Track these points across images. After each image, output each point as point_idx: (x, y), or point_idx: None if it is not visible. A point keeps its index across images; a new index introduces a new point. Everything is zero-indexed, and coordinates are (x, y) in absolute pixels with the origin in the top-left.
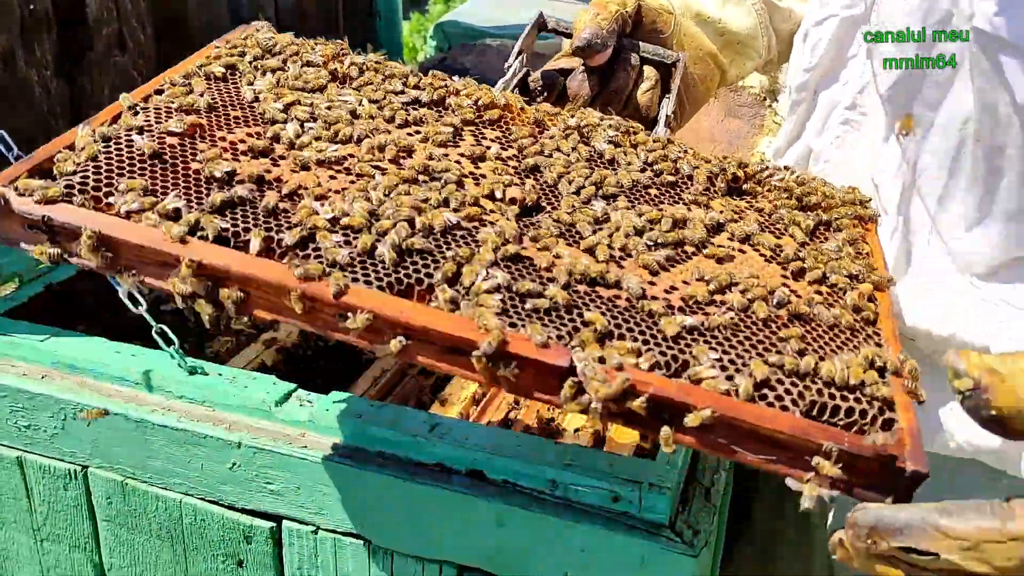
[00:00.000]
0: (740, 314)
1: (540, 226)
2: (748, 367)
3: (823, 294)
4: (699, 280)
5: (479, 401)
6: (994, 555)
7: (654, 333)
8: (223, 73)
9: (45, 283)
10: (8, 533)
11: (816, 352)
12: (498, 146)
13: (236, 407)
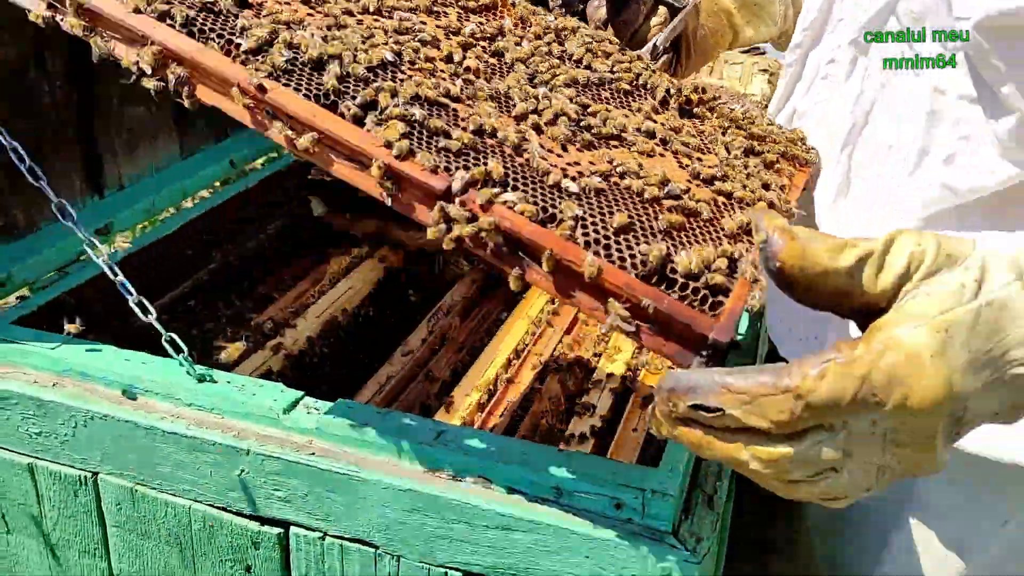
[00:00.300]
0: (629, 193)
1: (477, 88)
2: (608, 223)
3: (720, 203)
4: (607, 161)
5: (484, 407)
6: (769, 408)
7: (536, 185)
8: None
9: (55, 291)
10: (18, 539)
11: (681, 242)
12: (475, 27)
13: (244, 414)
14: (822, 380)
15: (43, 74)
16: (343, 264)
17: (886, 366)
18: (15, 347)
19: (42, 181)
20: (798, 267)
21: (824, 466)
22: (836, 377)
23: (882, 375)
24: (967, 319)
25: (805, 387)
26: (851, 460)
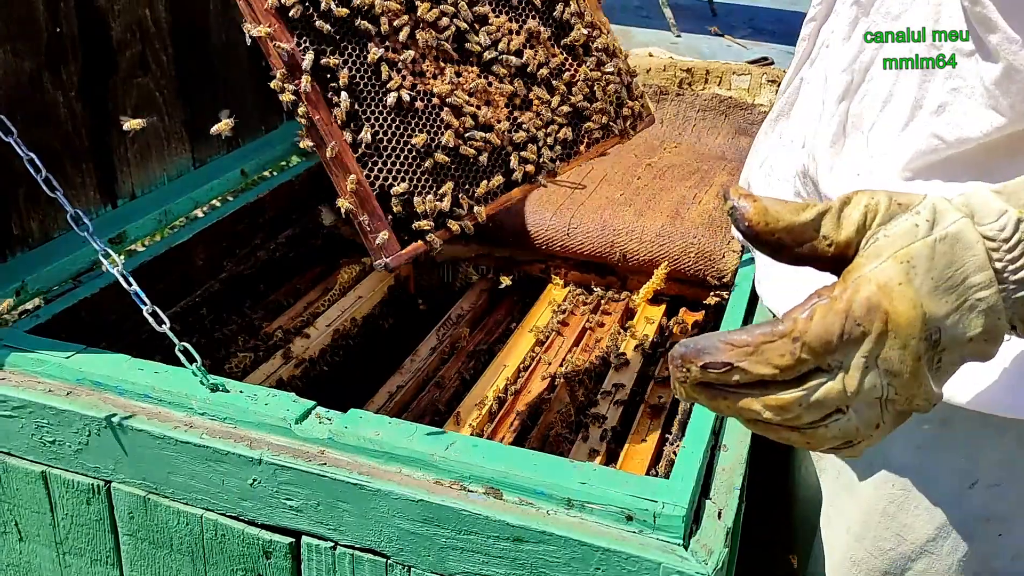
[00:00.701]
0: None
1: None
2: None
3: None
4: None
5: (493, 416)
6: (772, 355)
7: (371, 84)
8: None
9: (70, 301)
10: (31, 546)
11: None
12: None
13: (257, 424)
14: (811, 320)
15: (58, 86)
16: (353, 273)
17: (862, 298)
18: (30, 356)
19: (58, 192)
20: (763, 222)
21: (831, 406)
22: (823, 314)
23: (860, 306)
24: (924, 251)
25: (799, 328)
26: (855, 397)
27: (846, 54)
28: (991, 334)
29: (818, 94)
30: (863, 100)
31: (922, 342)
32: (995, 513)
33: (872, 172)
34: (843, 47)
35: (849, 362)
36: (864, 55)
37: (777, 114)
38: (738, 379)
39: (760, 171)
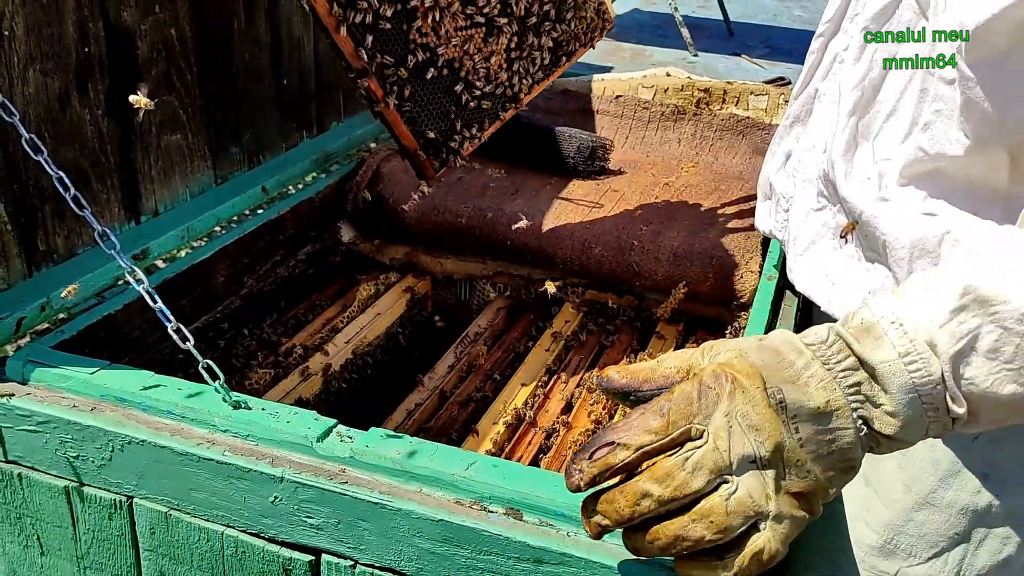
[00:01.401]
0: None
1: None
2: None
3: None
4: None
5: (512, 435)
6: (646, 424)
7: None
8: None
9: (94, 317)
10: (52, 560)
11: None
12: None
13: (279, 442)
14: (673, 392)
15: (86, 104)
16: (371, 290)
17: (709, 371)
18: (55, 372)
19: (86, 211)
20: (626, 377)
21: (711, 467)
22: (681, 387)
23: (709, 377)
24: (753, 344)
25: (664, 398)
26: (729, 455)
27: (856, 73)
28: (840, 410)
29: (834, 107)
30: (872, 114)
31: (766, 393)
32: (993, 469)
33: (877, 176)
34: (854, 67)
35: (714, 424)
36: (873, 73)
37: (792, 120)
38: (623, 458)
39: (783, 172)
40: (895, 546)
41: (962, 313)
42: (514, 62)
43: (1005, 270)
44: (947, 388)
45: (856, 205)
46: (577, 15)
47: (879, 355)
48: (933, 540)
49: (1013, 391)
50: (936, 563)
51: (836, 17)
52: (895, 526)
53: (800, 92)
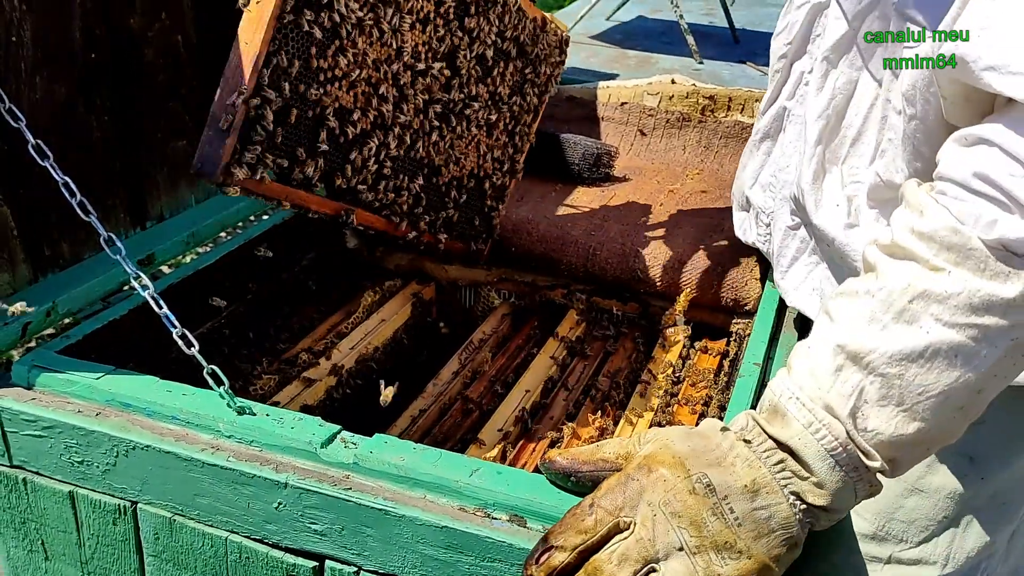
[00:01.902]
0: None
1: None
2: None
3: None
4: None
5: (516, 442)
6: (577, 524)
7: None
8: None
9: (99, 322)
10: (57, 565)
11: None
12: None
13: (283, 448)
14: (602, 488)
15: (92, 110)
16: (376, 296)
17: (634, 464)
18: (60, 377)
19: (92, 216)
20: (568, 460)
21: (637, 558)
22: (608, 482)
23: (634, 468)
24: (680, 433)
25: (593, 495)
26: (655, 544)
27: (820, 102)
28: (768, 486)
29: (801, 133)
30: (839, 139)
31: (689, 481)
32: (977, 452)
33: (846, 201)
34: (817, 96)
35: (640, 515)
36: (836, 100)
37: (762, 136)
38: (562, 560)
39: (758, 187)
40: (886, 532)
41: (842, 372)
42: (515, 134)
43: (855, 320)
44: (857, 446)
45: (827, 232)
46: (545, 57)
47: (788, 432)
48: (923, 525)
49: (918, 428)
50: (927, 547)
51: (799, 39)
52: (885, 513)
53: (767, 108)
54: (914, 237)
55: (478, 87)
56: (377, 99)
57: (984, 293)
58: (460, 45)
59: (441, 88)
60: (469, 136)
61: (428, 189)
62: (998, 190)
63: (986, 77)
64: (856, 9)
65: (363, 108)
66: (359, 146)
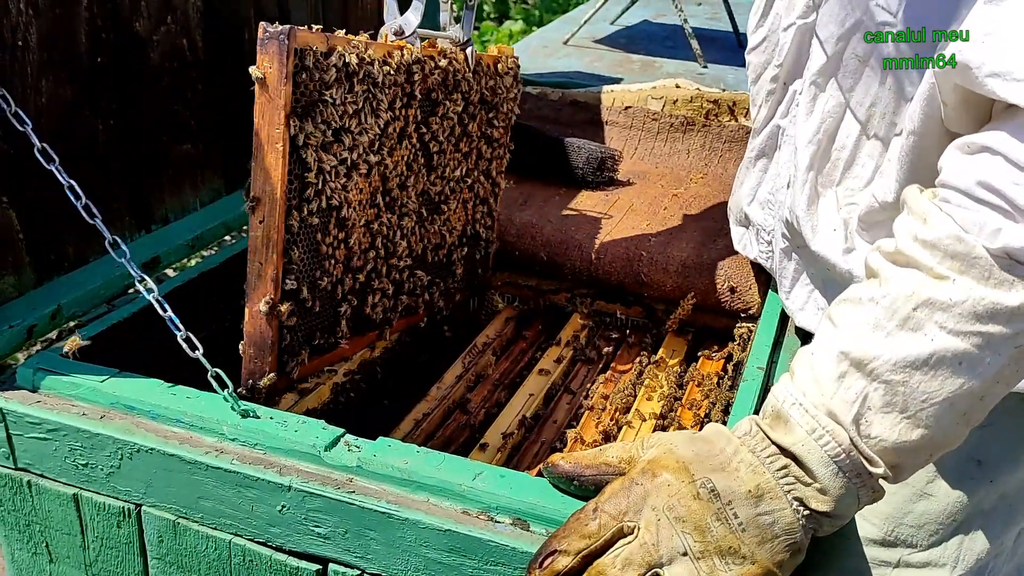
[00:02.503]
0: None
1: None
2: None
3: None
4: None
5: (519, 446)
6: (581, 528)
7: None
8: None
9: (103, 325)
10: (61, 568)
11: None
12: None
13: (287, 451)
14: (605, 492)
15: (97, 114)
16: None
17: (638, 468)
18: (64, 379)
19: (97, 219)
20: (571, 464)
21: (641, 562)
22: (611, 486)
23: (638, 472)
24: (684, 438)
25: (596, 500)
26: (658, 549)
27: (810, 127)
28: (772, 491)
29: (792, 154)
30: (832, 161)
31: (693, 486)
32: (986, 456)
33: (843, 225)
34: (807, 121)
35: (644, 519)
36: (826, 124)
37: (757, 154)
38: (566, 564)
39: (756, 204)
40: (896, 537)
41: (845, 379)
42: (491, 173)
43: (858, 327)
44: (860, 452)
45: (828, 258)
46: (505, 94)
47: (791, 438)
48: (932, 529)
49: (921, 434)
50: (936, 550)
51: (790, 60)
52: (894, 518)
53: (762, 128)
54: (918, 245)
55: (453, 161)
56: (381, 238)
57: (988, 301)
58: (432, 136)
59: (424, 181)
60: (455, 203)
61: (434, 268)
62: (1002, 199)
63: (990, 83)
64: (840, 32)
65: (366, 249)
66: (371, 291)
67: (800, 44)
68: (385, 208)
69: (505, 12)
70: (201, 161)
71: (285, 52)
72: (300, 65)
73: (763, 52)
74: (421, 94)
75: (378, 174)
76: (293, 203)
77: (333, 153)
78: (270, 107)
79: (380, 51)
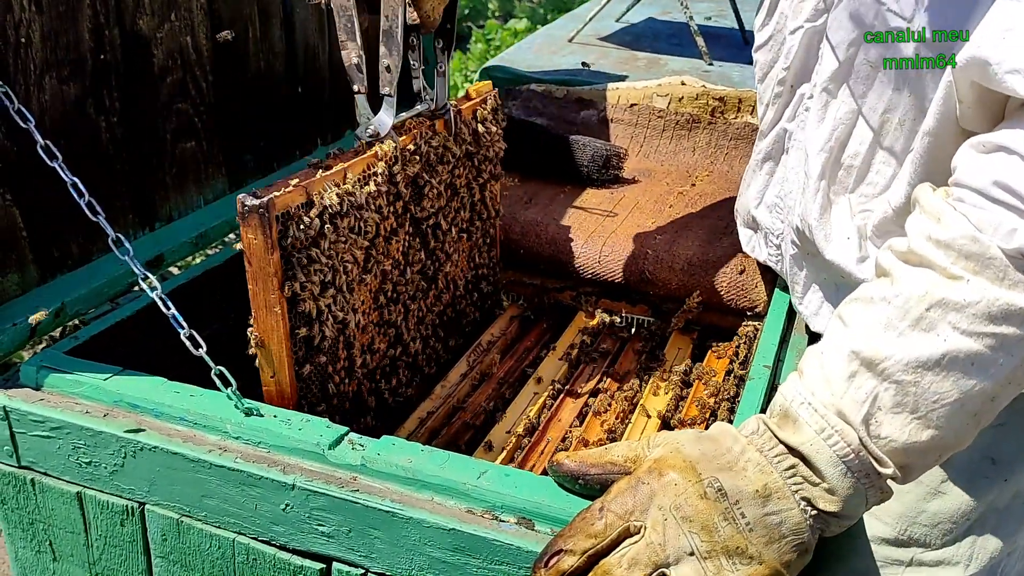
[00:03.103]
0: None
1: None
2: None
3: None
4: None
5: (524, 445)
6: (587, 528)
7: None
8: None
9: (107, 322)
10: (65, 566)
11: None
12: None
13: (291, 449)
14: (611, 491)
15: (101, 111)
16: None
17: (644, 468)
18: (68, 377)
19: (100, 217)
20: (576, 463)
21: (647, 562)
22: (618, 485)
23: (644, 471)
24: (690, 436)
25: (603, 499)
26: (665, 549)
27: (822, 135)
28: (780, 491)
29: (802, 161)
30: (845, 168)
31: (700, 485)
32: (1000, 454)
33: (856, 234)
34: (819, 128)
35: (650, 519)
36: (838, 131)
37: (764, 157)
38: (571, 564)
39: (763, 208)
40: (909, 536)
41: (856, 379)
42: (484, 217)
43: (870, 326)
44: (869, 452)
45: (842, 267)
46: (490, 140)
47: (799, 437)
48: (946, 528)
49: (931, 435)
50: (949, 549)
51: (798, 63)
52: (908, 517)
53: (769, 130)
54: (931, 244)
55: (446, 221)
56: (387, 327)
57: (1003, 302)
58: (423, 214)
59: (423, 259)
60: (457, 257)
61: (445, 326)
62: (1018, 199)
63: (1009, 80)
64: (851, 37)
65: (375, 351)
66: (390, 375)
67: (808, 48)
68: (388, 302)
69: (510, 10)
70: (205, 159)
71: (267, 223)
72: (284, 232)
73: (769, 51)
74: (407, 186)
75: (375, 276)
76: (300, 353)
77: (330, 294)
78: (262, 275)
79: (359, 168)
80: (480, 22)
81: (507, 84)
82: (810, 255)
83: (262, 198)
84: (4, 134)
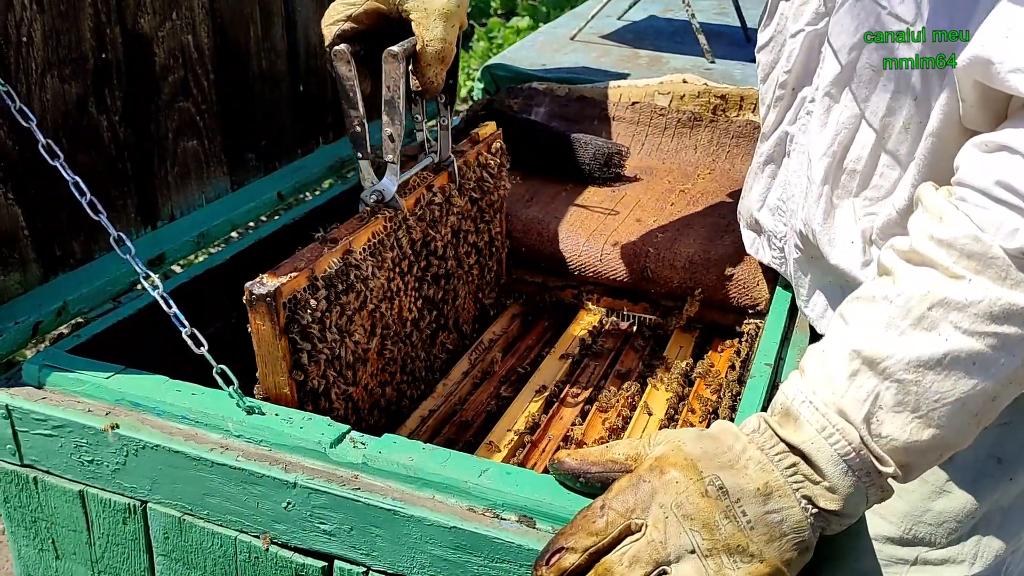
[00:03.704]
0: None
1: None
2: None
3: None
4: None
5: (526, 443)
6: (588, 525)
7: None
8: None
9: (109, 321)
10: (67, 564)
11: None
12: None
13: (292, 447)
14: (612, 489)
15: (103, 110)
16: None
17: (646, 465)
18: (70, 376)
19: (102, 215)
20: (577, 461)
21: (648, 560)
22: (619, 482)
23: (645, 469)
24: (692, 435)
25: (604, 497)
26: (666, 547)
27: (824, 139)
28: (781, 489)
29: (804, 165)
30: (848, 172)
31: (701, 483)
32: (1005, 453)
33: (860, 237)
34: (821, 133)
35: (652, 516)
36: (841, 136)
37: (765, 159)
38: (573, 562)
39: (766, 210)
40: (914, 535)
41: (857, 377)
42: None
43: (871, 325)
44: (870, 451)
45: (846, 271)
46: (495, 177)
47: (800, 436)
48: (952, 527)
49: (932, 434)
50: (954, 548)
51: (799, 67)
52: (913, 516)
53: (771, 133)
54: (933, 243)
55: (453, 263)
56: (392, 341)
57: (1005, 302)
58: (429, 264)
59: (429, 299)
60: (462, 290)
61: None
62: (1021, 199)
63: (1011, 79)
64: (852, 41)
65: (380, 373)
66: (395, 389)
67: (809, 51)
68: (393, 342)
69: (512, 8)
70: (206, 157)
71: (274, 311)
72: (291, 317)
73: (771, 51)
74: (411, 247)
75: (383, 324)
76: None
77: (339, 356)
78: (271, 359)
79: (363, 239)
80: (482, 20)
81: (509, 82)
82: (814, 259)
83: (268, 285)
84: (6, 133)
